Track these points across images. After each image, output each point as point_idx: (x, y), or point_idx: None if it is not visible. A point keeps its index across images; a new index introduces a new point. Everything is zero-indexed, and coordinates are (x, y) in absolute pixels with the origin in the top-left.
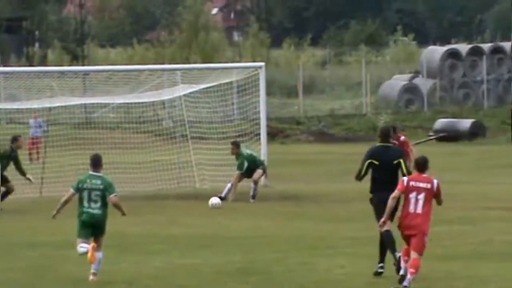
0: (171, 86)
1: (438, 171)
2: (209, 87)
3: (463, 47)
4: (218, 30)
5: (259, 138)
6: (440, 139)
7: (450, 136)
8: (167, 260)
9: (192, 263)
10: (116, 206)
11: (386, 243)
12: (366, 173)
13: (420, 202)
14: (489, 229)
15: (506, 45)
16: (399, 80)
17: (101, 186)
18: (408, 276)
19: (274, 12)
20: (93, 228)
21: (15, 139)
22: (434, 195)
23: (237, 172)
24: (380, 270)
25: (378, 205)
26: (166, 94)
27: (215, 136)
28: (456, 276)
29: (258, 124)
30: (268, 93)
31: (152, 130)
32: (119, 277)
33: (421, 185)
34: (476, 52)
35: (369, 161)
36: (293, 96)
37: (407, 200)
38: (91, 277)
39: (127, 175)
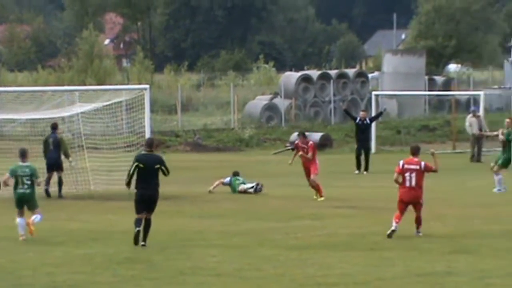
0: (70, 105)
1: (294, 177)
2: (102, 106)
3: (314, 73)
4: (109, 58)
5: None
6: (294, 149)
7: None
8: (66, 250)
9: (87, 253)
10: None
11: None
12: (133, 174)
13: (413, 179)
14: (335, 224)
15: (350, 71)
16: (261, 100)
17: (29, 172)
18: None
19: (157, 42)
20: (24, 203)
21: None
22: (423, 173)
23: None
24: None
25: (140, 200)
26: (65, 111)
27: (107, 147)
28: (307, 263)
29: (143, 136)
30: (152, 111)
31: None
32: (25, 265)
33: (412, 166)
34: (324, 77)
35: (136, 164)
36: (173, 113)
37: (404, 178)
38: (31, 227)
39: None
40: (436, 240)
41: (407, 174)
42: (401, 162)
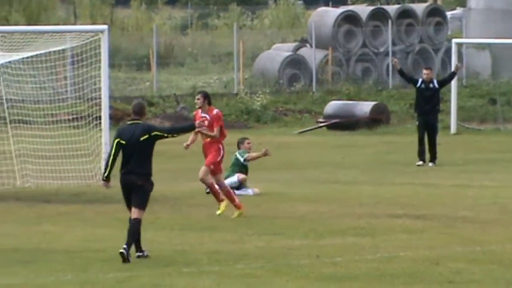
0: None
1: (330, 168)
2: (35, 56)
3: (363, 10)
4: None
5: (99, 123)
6: (332, 127)
7: (345, 123)
8: None
9: (9, 284)
10: None
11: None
12: (115, 156)
13: None
14: (393, 243)
15: (418, 7)
16: (281, 51)
17: None
18: None
19: None
20: None
21: None
22: None
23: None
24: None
25: (122, 189)
26: None
27: (42, 120)
28: None
29: (99, 104)
30: (112, 65)
31: None
32: None
33: None
34: (379, 16)
35: (117, 140)
36: (144, 70)
37: None
38: None
39: None
40: None
41: None
42: None
